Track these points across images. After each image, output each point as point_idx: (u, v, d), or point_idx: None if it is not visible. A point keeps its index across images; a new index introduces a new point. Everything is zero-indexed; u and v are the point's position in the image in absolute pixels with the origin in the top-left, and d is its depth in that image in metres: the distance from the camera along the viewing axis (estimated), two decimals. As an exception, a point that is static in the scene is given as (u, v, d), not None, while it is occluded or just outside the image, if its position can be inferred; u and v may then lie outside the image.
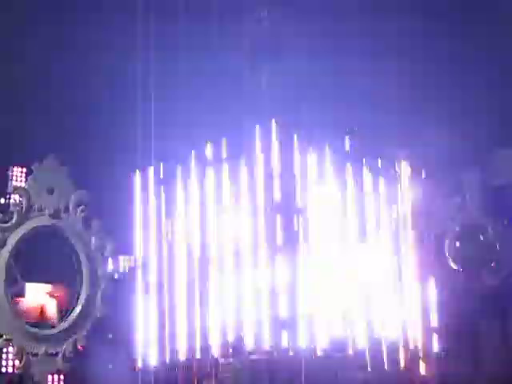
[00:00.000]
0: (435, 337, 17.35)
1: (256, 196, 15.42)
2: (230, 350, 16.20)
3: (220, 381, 16.83)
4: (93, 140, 19.81)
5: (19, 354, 16.57)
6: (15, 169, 19.50)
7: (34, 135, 19.27)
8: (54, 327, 17.54)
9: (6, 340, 16.52)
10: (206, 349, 16.32)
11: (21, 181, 19.20)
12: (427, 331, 17.15)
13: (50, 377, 17.87)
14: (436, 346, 17.28)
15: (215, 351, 16.25)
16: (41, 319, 17.77)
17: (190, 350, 16.48)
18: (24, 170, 19.06)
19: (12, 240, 16.99)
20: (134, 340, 17.66)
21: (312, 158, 16.08)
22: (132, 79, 18.84)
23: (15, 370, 17.29)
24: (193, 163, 16.88)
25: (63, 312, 17.87)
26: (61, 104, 19.77)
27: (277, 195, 15.13)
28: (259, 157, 15.51)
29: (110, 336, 19.24)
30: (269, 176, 15.27)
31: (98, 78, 20.25)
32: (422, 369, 16.84)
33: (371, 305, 16.61)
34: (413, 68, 19.95)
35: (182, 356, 16.42)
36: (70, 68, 20.04)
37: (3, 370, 17.74)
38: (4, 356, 17.80)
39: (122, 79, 19.62)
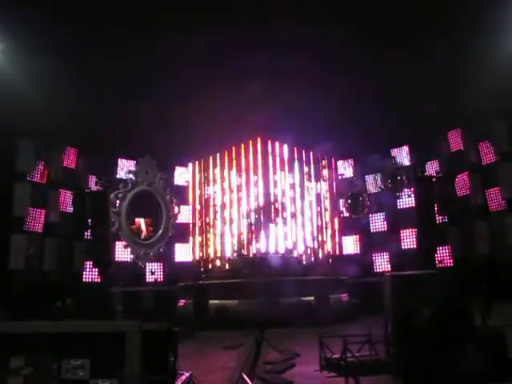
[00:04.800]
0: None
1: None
2: (235, 253, 23.73)
3: (230, 265, 22.74)
4: (168, 146, 23.75)
5: (133, 253, 24.16)
6: (130, 161, 25.42)
7: (144, 144, 23.69)
8: (147, 240, 24.71)
9: (125, 245, 24.01)
10: (224, 252, 24.03)
11: (132, 166, 25.20)
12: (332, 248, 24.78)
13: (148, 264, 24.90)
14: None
15: (228, 254, 23.81)
16: (142, 235, 24.73)
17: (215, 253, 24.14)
18: (134, 161, 25.27)
19: (129, 196, 24.24)
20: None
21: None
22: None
23: (131, 260, 24.14)
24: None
25: (152, 232, 24.83)
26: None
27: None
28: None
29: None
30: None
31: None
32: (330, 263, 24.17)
33: (306, 233, 24.14)
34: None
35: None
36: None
37: (127, 259, 24.32)
38: (128, 251, 24.35)
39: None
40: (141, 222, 24.76)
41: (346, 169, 26.14)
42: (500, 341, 4.69)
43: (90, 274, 22.67)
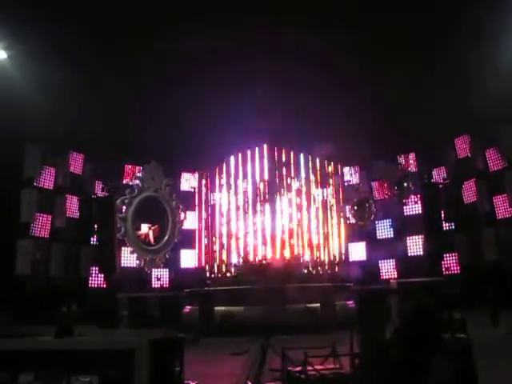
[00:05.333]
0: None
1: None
2: (241, 260, 23.48)
3: (236, 272, 22.46)
4: (174, 152, 24.06)
5: (140, 259, 23.84)
6: (136, 167, 25.58)
7: (150, 150, 23.74)
8: (153, 245, 24.42)
9: (132, 251, 23.74)
10: (229, 258, 23.91)
11: (138, 172, 25.11)
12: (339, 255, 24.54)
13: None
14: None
15: (234, 261, 23.59)
16: (147, 241, 24.41)
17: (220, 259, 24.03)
18: (140, 167, 25.22)
19: (135, 202, 23.97)
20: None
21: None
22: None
23: (137, 266, 23.93)
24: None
25: (158, 238, 24.53)
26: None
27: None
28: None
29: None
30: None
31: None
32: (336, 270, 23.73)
33: (312, 240, 23.92)
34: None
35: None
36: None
37: (133, 265, 24.11)
38: (134, 257, 24.10)
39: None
40: (149, 233, 24.49)
41: (352, 175, 25.99)
42: (467, 353, 4.62)
43: (96, 279, 22.76)
